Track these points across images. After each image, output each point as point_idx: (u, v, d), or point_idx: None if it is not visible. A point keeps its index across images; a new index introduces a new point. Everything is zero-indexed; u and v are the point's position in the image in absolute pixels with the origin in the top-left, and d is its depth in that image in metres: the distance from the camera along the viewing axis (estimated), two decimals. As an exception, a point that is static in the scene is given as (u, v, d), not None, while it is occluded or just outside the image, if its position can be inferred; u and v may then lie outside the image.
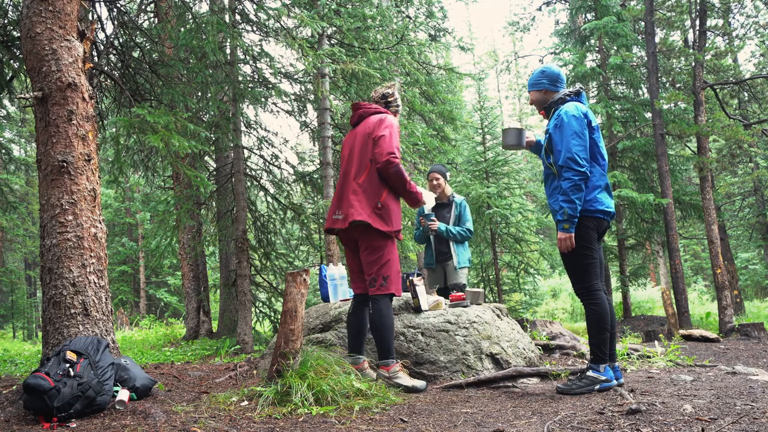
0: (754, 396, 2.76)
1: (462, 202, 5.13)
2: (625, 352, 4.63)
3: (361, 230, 3.40)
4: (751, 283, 20.31)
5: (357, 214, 3.34)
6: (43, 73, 3.54)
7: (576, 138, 3.13)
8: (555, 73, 3.39)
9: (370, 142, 3.43)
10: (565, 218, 3.11)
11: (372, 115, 3.54)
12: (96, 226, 3.60)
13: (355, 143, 3.54)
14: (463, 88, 18.05)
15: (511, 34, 16.71)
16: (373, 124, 3.46)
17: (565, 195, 3.11)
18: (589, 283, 3.22)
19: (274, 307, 8.71)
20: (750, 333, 7.32)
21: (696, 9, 10.13)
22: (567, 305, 18.38)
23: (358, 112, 3.63)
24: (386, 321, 3.39)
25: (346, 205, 3.41)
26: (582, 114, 3.20)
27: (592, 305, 3.21)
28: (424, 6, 10.64)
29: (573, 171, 3.10)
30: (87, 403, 2.84)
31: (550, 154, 3.30)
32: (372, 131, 3.44)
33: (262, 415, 2.80)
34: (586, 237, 3.19)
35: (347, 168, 3.52)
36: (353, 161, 3.49)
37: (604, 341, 3.18)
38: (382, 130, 3.40)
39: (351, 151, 3.55)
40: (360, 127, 3.56)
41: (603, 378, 3.14)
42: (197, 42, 5.87)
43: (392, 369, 3.42)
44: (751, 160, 15.74)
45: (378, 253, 3.41)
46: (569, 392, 3.12)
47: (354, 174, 3.45)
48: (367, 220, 3.34)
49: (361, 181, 3.42)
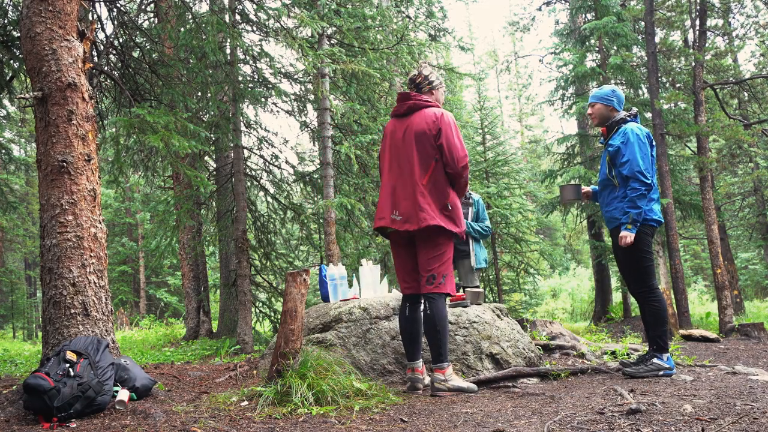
0: (754, 396, 2.76)
1: (479, 200, 5.13)
2: (625, 351, 4.63)
3: (427, 232, 3.29)
4: (751, 283, 20.32)
5: (431, 218, 3.22)
6: (43, 73, 3.54)
7: (643, 154, 3.58)
8: (623, 97, 3.84)
9: (429, 140, 3.28)
10: (630, 221, 3.55)
11: (425, 109, 3.36)
12: (96, 226, 3.60)
13: (407, 137, 3.34)
14: (463, 88, 18.06)
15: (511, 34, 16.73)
16: (432, 122, 3.29)
17: (631, 202, 3.55)
18: (649, 283, 3.66)
19: (274, 307, 8.71)
20: (750, 333, 7.33)
21: (696, 9, 10.13)
22: (567, 305, 18.38)
23: (407, 103, 3.40)
24: (444, 322, 3.30)
25: (410, 207, 3.26)
26: (645, 134, 3.67)
27: (653, 302, 3.63)
28: (424, 6, 10.64)
29: (640, 182, 3.54)
30: (87, 403, 2.83)
31: (613, 167, 3.70)
32: (431, 128, 3.28)
33: (262, 415, 2.80)
34: (645, 242, 3.64)
35: (401, 164, 3.35)
36: (411, 159, 3.31)
37: (665, 332, 3.60)
38: (448, 130, 3.27)
39: (403, 145, 3.36)
40: (413, 121, 3.36)
41: (666, 366, 3.54)
42: (197, 42, 5.87)
43: (447, 372, 3.30)
44: (751, 160, 15.74)
45: (440, 251, 3.33)
46: (636, 376, 3.50)
47: (417, 174, 3.28)
48: (441, 224, 3.24)
49: (426, 182, 3.27)
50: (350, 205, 6.63)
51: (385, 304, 4.15)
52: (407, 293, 3.48)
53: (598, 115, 3.81)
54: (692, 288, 21.01)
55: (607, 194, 3.76)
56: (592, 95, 3.86)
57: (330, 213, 6.83)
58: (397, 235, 3.41)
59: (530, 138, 30.97)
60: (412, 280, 3.46)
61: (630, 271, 3.72)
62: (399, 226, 3.30)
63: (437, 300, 3.29)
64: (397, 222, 3.31)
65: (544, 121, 32.89)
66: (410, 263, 3.47)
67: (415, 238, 3.37)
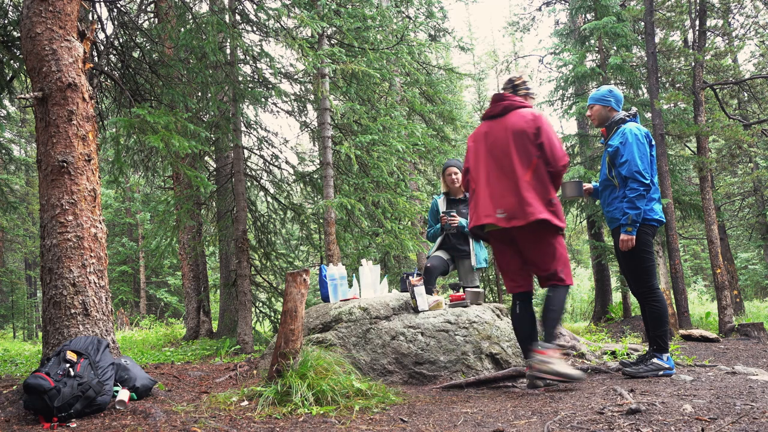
0: (753, 396, 2.76)
1: None
2: (624, 351, 4.63)
3: (533, 228, 3.30)
4: (750, 283, 20.31)
5: (538, 212, 3.23)
6: (43, 74, 3.55)
7: (641, 154, 3.57)
8: (621, 96, 3.82)
9: (529, 137, 3.31)
10: (629, 222, 3.53)
11: (519, 109, 3.41)
12: (96, 226, 3.61)
13: (505, 136, 3.37)
14: (463, 88, 18.07)
15: (511, 35, 16.69)
16: (531, 120, 3.34)
17: (630, 203, 3.53)
18: (650, 283, 3.66)
19: (274, 307, 8.71)
20: (750, 333, 7.33)
21: (696, 9, 10.13)
22: (567, 305, 18.38)
23: (502, 103, 3.46)
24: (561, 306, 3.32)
25: (515, 203, 3.27)
26: (644, 134, 3.66)
27: (654, 302, 3.63)
28: (424, 6, 10.63)
29: (638, 182, 3.52)
30: (87, 403, 2.84)
31: (613, 167, 3.70)
32: (530, 126, 3.32)
33: (262, 415, 2.80)
34: (646, 242, 3.63)
35: (501, 163, 3.36)
36: (511, 157, 3.33)
37: (665, 332, 3.60)
38: (549, 129, 3.33)
39: (501, 144, 3.38)
40: (509, 120, 3.40)
41: (666, 366, 3.54)
42: (197, 42, 5.87)
43: (552, 356, 3.22)
44: (750, 160, 15.74)
45: (552, 247, 3.36)
46: (636, 376, 3.50)
47: (519, 170, 3.30)
48: (548, 217, 3.25)
49: (529, 178, 3.30)
50: (350, 205, 6.63)
51: (385, 304, 4.16)
52: (517, 291, 3.48)
53: (597, 116, 3.85)
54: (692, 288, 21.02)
55: (608, 195, 3.78)
56: (590, 97, 3.90)
57: (330, 213, 6.84)
58: (501, 233, 3.41)
59: (530, 138, 30.89)
60: (522, 279, 3.47)
61: (631, 271, 3.73)
62: (505, 222, 3.30)
63: (560, 288, 3.36)
64: (503, 219, 3.31)
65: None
66: (517, 260, 3.47)
67: (518, 237, 3.37)
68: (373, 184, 7.43)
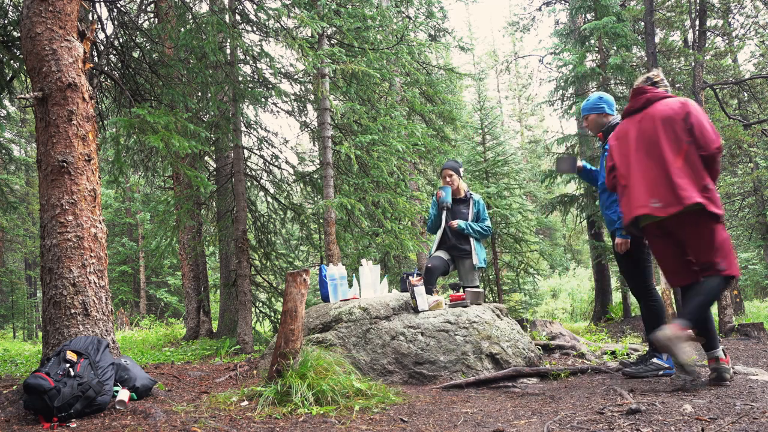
0: (753, 396, 2.76)
1: (480, 200, 5.15)
2: (625, 351, 4.63)
3: (690, 217, 3.13)
4: (751, 283, 20.30)
5: (694, 196, 3.06)
6: (44, 74, 3.55)
7: None
8: (612, 100, 3.84)
9: (678, 123, 3.19)
10: (623, 225, 3.43)
11: (663, 99, 3.32)
12: (96, 226, 3.61)
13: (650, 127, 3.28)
14: (463, 88, 18.07)
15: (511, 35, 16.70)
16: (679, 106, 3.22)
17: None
18: (647, 282, 3.70)
19: (274, 307, 8.71)
20: (750, 333, 7.32)
21: (696, 9, 10.13)
22: (567, 305, 18.38)
23: (644, 96, 3.37)
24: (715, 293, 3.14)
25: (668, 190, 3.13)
26: None
27: (651, 302, 3.68)
28: (424, 6, 10.63)
29: None
30: (87, 403, 2.84)
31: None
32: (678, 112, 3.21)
33: (262, 415, 2.80)
34: (641, 244, 3.63)
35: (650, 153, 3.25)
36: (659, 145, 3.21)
37: None
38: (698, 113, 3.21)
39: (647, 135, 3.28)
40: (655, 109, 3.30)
41: (666, 366, 3.55)
42: (197, 42, 5.87)
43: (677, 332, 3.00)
44: (750, 160, 15.73)
45: (710, 236, 3.15)
46: (636, 375, 3.53)
47: (670, 157, 3.17)
48: (703, 201, 3.06)
49: (680, 164, 3.15)
50: (350, 205, 6.63)
51: (385, 304, 4.15)
52: (684, 284, 3.30)
53: (594, 125, 3.88)
54: (692, 288, 20.95)
55: (607, 197, 3.81)
56: (582, 108, 3.92)
57: (330, 213, 6.84)
58: (656, 226, 3.27)
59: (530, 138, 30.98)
60: (685, 273, 3.28)
61: (627, 271, 3.78)
62: (661, 212, 3.14)
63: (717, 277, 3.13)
64: (658, 208, 3.15)
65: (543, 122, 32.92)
66: (677, 251, 3.27)
67: (674, 227, 3.21)
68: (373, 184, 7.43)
